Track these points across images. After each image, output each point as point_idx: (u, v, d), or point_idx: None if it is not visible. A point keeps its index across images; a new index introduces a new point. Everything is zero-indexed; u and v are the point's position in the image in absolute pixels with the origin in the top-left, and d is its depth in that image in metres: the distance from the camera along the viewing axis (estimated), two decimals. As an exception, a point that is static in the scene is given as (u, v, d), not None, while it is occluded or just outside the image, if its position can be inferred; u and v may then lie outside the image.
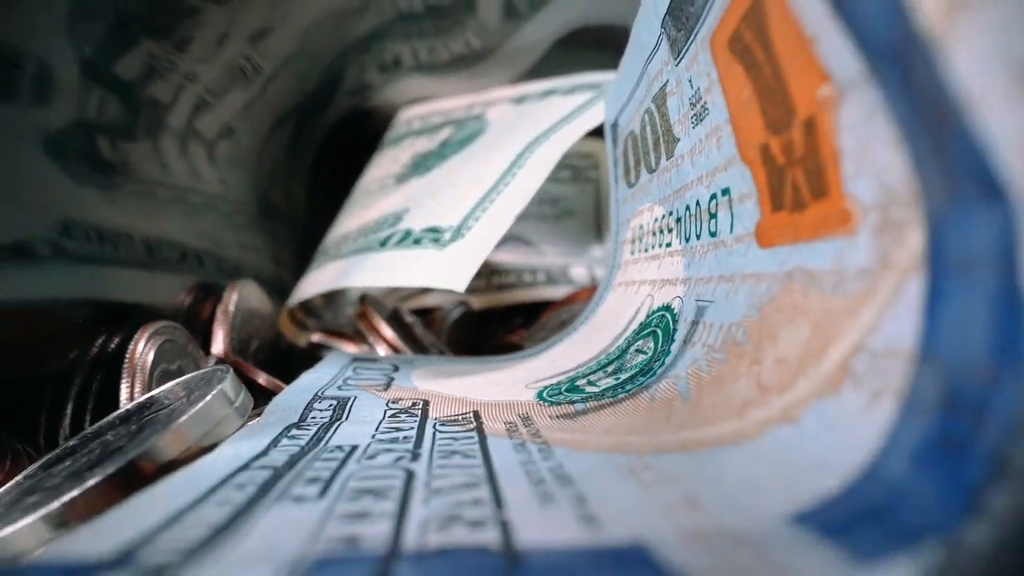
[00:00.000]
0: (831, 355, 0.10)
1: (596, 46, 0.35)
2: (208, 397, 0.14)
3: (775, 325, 0.11)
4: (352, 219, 0.32)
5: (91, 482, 0.12)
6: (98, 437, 0.15)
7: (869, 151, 0.09)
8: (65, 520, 0.12)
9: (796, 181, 0.11)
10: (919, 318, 0.08)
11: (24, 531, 0.12)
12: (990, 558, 0.06)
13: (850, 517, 0.07)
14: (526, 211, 0.25)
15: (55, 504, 0.12)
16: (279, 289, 0.34)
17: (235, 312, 0.25)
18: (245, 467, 0.11)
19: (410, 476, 0.10)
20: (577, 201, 0.41)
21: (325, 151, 0.42)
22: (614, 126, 0.24)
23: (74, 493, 0.12)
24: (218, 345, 0.24)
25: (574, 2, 0.32)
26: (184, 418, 0.13)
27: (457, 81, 0.39)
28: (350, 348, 0.27)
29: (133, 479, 0.13)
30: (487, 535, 0.08)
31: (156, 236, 0.28)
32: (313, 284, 0.28)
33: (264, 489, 0.10)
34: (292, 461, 0.12)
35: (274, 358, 0.30)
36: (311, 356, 0.29)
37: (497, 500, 0.09)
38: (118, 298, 0.24)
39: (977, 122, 0.06)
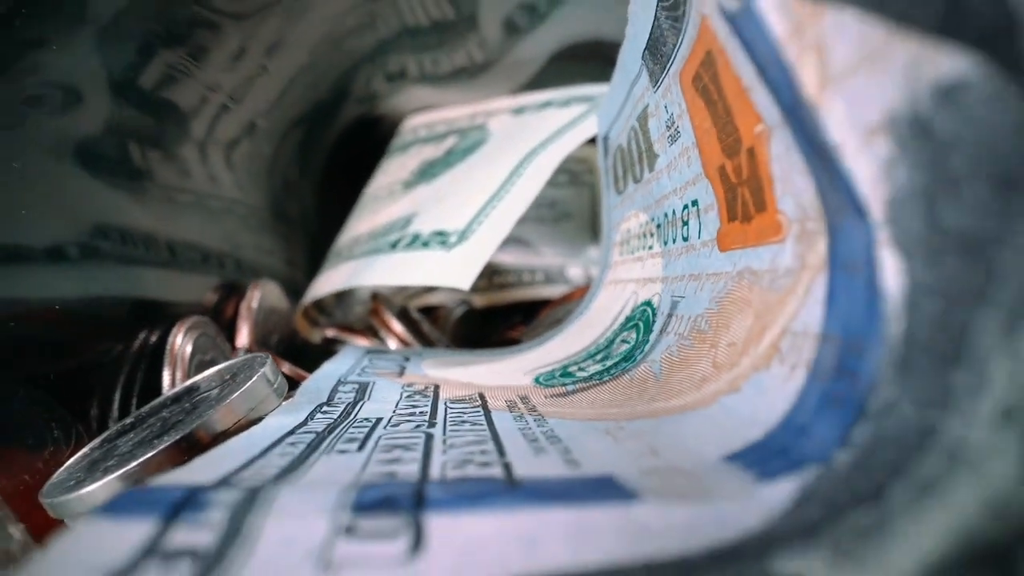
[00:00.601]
0: (766, 338, 0.12)
1: (589, 58, 0.37)
2: (253, 379, 0.16)
3: (729, 315, 0.14)
4: (362, 223, 0.34)
5: (161, 447, 0.15)
6: (153, 415, 0.18)
7: (790, 177, 0.11)
8: (138, 478, 0.15)
9: (744, 197, 0.13)
10: (823, 307, 0.10)
11: (106, 486, 0.14)
12: (846, 476, 0.08)
13: (764, 455, 0.10)
14: (525, 214, 0.27)
15: (132, 464, 0.14)
16: (293, 289, 0.36)
17: (258, 309, 0.27)
18: (291, 432, 0.14)
19: (429, 437, 0.13)
20: (574, 204, 0.44)
21: (334, 157, 0.44)
22: (605, 139, 0.26)
23: (148, 455, 0.14)
24: (243, 339, 0.27)
25: (569, 20, 0.35)
26: (234, 396, 0.16)
27: (460, 91, 0.41)
28: (362, 342, 0.29)
29: (192, 446, 0.15)
30: (493, 471, 0.10)
31: (179, 239, 0.31)
32: (327, 283, 0.31)
33: (312, 446, 0.12)
34: (329, 429, 0.14)
35: (291, 352, 0.32)
36: (325, 351, 0.32)
37: (500, 451, 0.11)
38: (152, 296, 0.27)
39: (845, 164, 0.09)
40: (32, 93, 0.23)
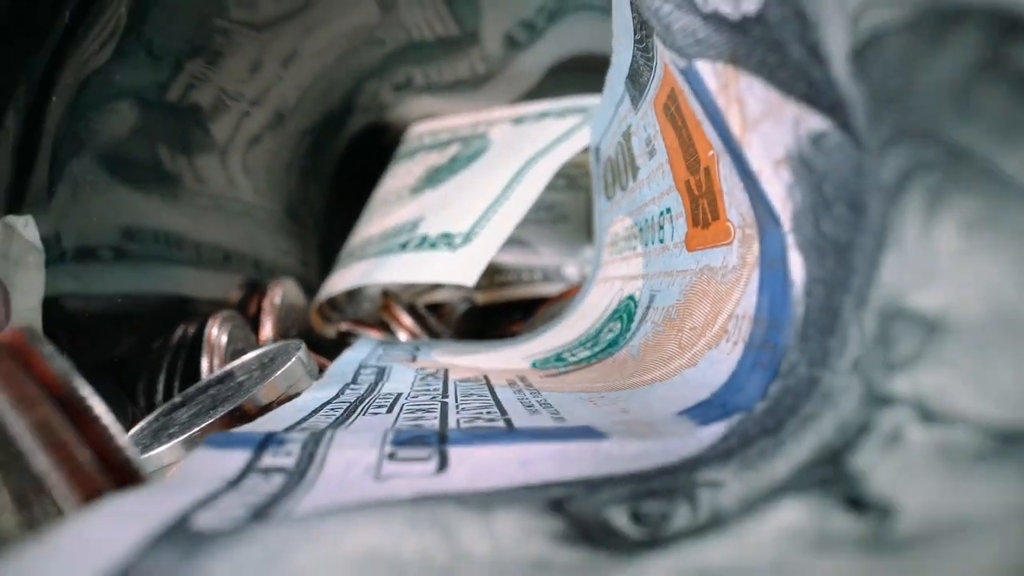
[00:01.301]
0: (718, 321, 0.15)
1: (583, 70, 0.40)
2: (291, 361, 0.19)
3: (692, 304, 0.17)
4: (372, 225, 0.37)
5: (217, 416, 0.18)
6: (201, 393, 0.21)
7: (733, 193, 0.14)
8: (197, 443, 0.18)
9: (704, 207, 0.16)
10: (757, 295, 0.13)
11: (171, 450, 0.17)
12: (760, 418, 0.11)
13: (708, 409, 0.13)
14: (525, 216, 0.30)
15: (194, 430, 0.17)
16: (307, 287, 0.39)
17: (280, 305, 0.30)
18: (328, 403, 0.17)
19: (444, 405, 0.16)
20: (571, 207, 0.47)
21: (343, 163, 0.47)
22: (597, 149, 0.29)
23: (207, 423, 0.17)
24: (267, 331, 0.30)
25: (564, 36, 0.38)
26: (276, 375, 0.19)
27: (462, 100, 0.44)
28: (375, 335, 0.32)
29: (242, 416, 0.18)
30: (497, 423, 0.13)
31: (204, 240, 0.34)
32: (342, 281, 0.34)
33: (349, 411, 0.15)
34: (359, 400, 0.17)
35: (308, 345, 0.35)
36: (339, 343, 0.35)
37: (502, 411, 0.15)
38: (184, 293, 0.30)
39: (763, 186, 0.12)
40: (91, 103, 0.26)
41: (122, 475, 0.10)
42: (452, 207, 0.32)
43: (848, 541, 0.07)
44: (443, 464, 0.11)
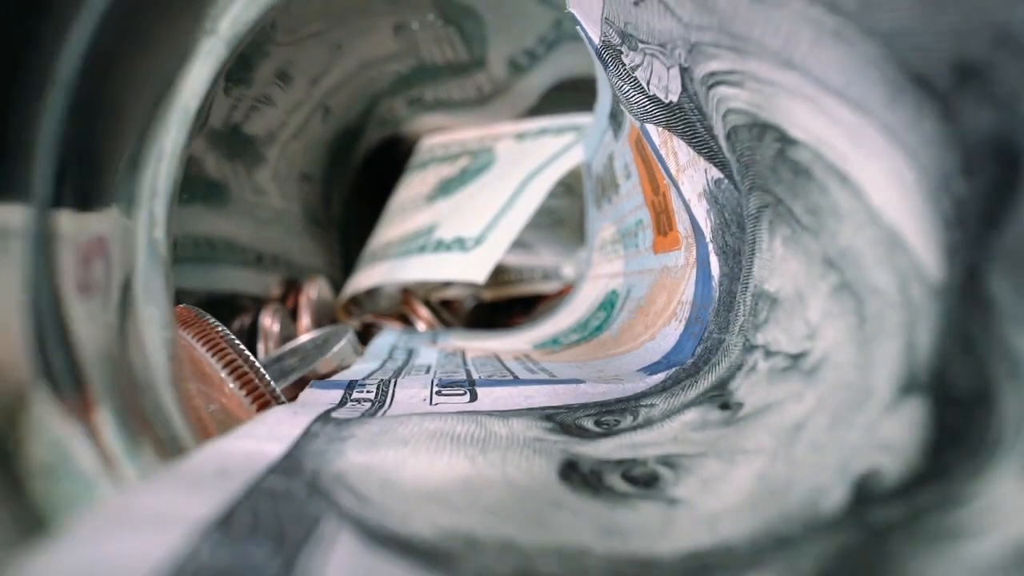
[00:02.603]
0: (671, 307, 0.21)
1: (578, 90, 0.46)
2: (343, 342, 0.25)
3: (655, 295, 0.23)
4: (392, 230, 0.43)
5: (288, 382, 0.23)
6: (267, 368, 0.27)
7: (679, 212, 0.20)
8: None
9: (662, 221, 0.22)
10: (694, 287, 0.19)
11: (255, 407, 0.23)
12: (688, 368, 0.17)
13: (657, 366, 0.19)
14: (527, 221, 0.36)
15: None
16: (331, 285, 0.45)
17: (315, 299, 0.36)
18: (377, 370, 0.22)
19: (468, 371, 0.22)
20: (568, 212, 0.53)
21: (361, 172, 0.53)
22: (588, 165, 0.35)
23: (282, 386, 0.23)
24: (304, 322, 0.35)
25: (561, 61, 0.44)
26: (333, 351, 0.24)
27: (470, 116, 0.50)
28: (396, 326, 0.38)
29: (304, 383, 0.24)
30: (508, 377, 0.19)
31: (240, 243, 0.39)
32: (366, 279, 0.40)
33: (395, 374, 0.21)
34: (399, 369, 0.23)
35: (335, 336, 0.41)
36: (361, 334, 0.41)
37: (511, 373, 0.20)
38: (233, 290, 0.36)
39: (693, 210, 0.18)
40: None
41: (273, 400, 0.15)
42: (464, 214, 0.37)
43: (715, 424, 0.13)
44: (473, 397, 0.16)
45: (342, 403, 0.16)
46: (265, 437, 0.11)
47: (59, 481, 0.08)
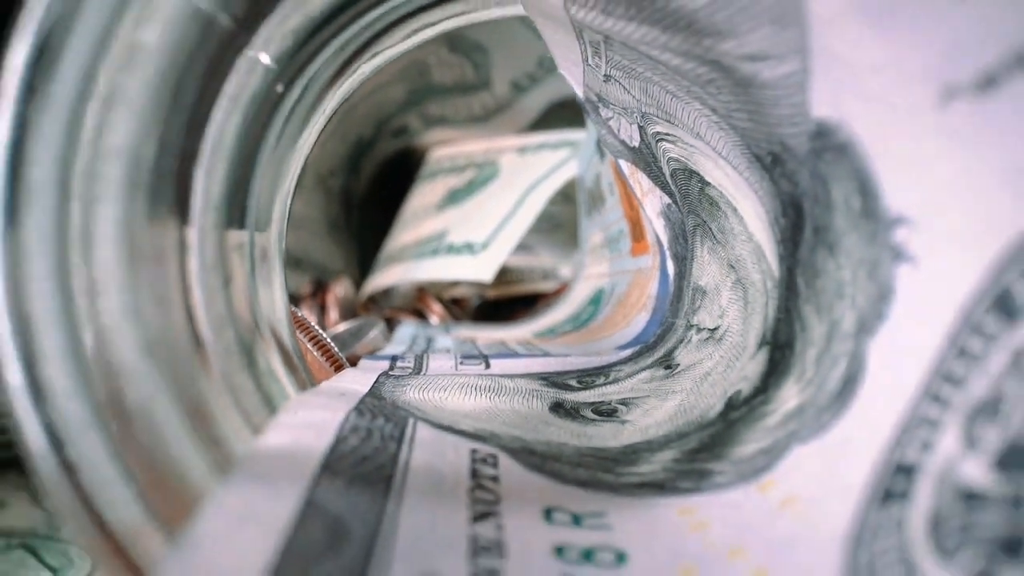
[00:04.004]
0: (642, 300, 0.27)
1: (573, 108, 0.52)
2: (375, 330, 0.31)
3: (631, 291, 0.29)
4: (406, 234, 0.49)
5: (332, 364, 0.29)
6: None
7: (648, 225, 0.26)
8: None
9: (637, 230, 0.28)
10: (657, 284, 0.25)
11: (307, 382, 0.29)
12: (651, 344, 0.23)
13: (627, 345, 0.25)
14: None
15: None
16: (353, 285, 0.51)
17: (343, 297, 0.42)
18: (407, 352, 0.29)
19: (480, 350, 0.28)
20: (565, 217, 0.59)
21: (375, 181, 0.59)
22: (581, 179, 0.41)
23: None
24: (332, 317, 0.42)
25: (559, 83, 0.50)
26: (369, 337, 0.30)
27: (475, 130, 0.56)
28: (412, 320, 0.44)
29: (349, 363, 0.30)
30: (512, 353, 0.25)
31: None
32: (385, 279, 0.46)
33: (423, 353, 0.27)
34: (423, 351, 0.29)
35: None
36: (381, 328, 0.47)
37: (515, 352, 0.26)
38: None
39: (654, 225, 0.24)
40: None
41: (343, 365, 0.21)
42: (472, 221, 0.43)
43: (659, 378, 0.19)
44: (488, 366, 0.23)
45: (391, 369, 0.22)
46: (352, 382, 0.17)
47: (273, 381, 0.14)
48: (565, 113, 0.53)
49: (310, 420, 0.12)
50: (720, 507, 0.11)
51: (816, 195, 0.12)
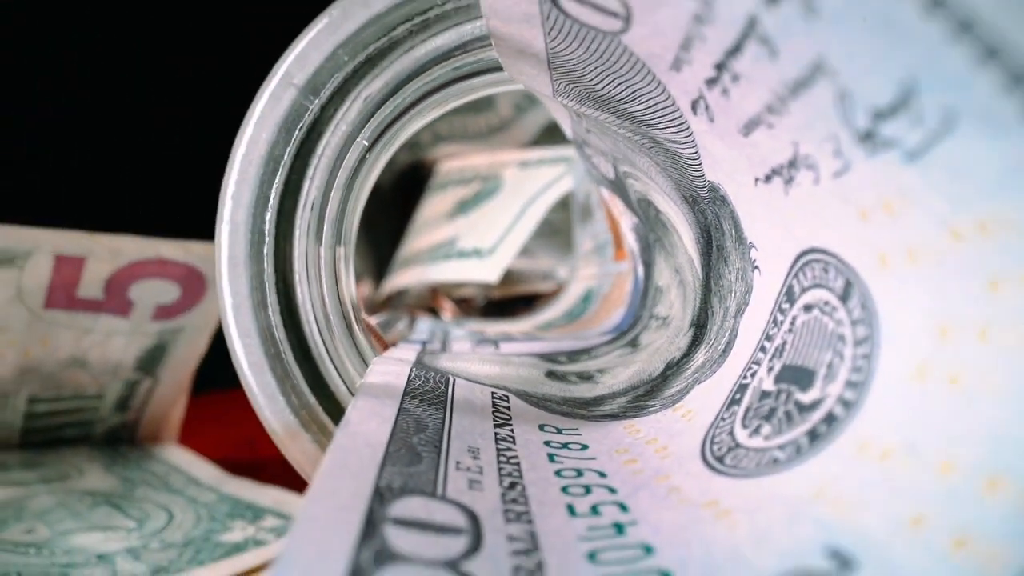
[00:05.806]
0: (621, 297, 0.34)
1: (573, 127, 0.60)
2: (402, 323, 0.38)
3: (613, 290, 0.36)
4: (419, 240, 0.57)
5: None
6: (346, 342, 0.40)
7: (625, 237, 0.33)
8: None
9: (617, 239, 0.36)
10: (631, 285, 0.33)
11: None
12: (626, 330, 0.30)
13: (609, 332, 0.32)
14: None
15: (359, 355, 0.36)
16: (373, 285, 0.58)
17: (366, 296, 0.50)
18: (429, 340, 0.36)
19: (490, 338, 0.35)
20: (563, 224, 0.66)
21: (390, 190, 0.67)
22: (575, 193, 0.49)
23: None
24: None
25: (557, 106, 0.57)
26: (397, 328, 0.38)
27: (480, 144, 0.64)
28: (426, 317, 0.52)
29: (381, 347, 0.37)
30: (516, 339, 0.33)
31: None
32: (401, 280, 0.53)
33: (445, 341, 0.35)
34: (444, 339, 0.36)
35: (376, 325, 0.54)
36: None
37: (517, 339, 0.34)
38: (304, 287, 0.49)
39: (627, 239, 0.31)
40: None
41: (388, 345, 0.29)
42: (479, 229, 0.51)
43: (626, 354, 0.26)
44: (497, 348, 0.30)
45: (424, 349, 0.29)
46: (404, 353, 0.25)
47: (363, 345, 0.22)
48: (560, 132, 0.61)
49: (390, 369, 0.20)
50: (649, 423, 0.19)
51: (717, 226, 0.20)
